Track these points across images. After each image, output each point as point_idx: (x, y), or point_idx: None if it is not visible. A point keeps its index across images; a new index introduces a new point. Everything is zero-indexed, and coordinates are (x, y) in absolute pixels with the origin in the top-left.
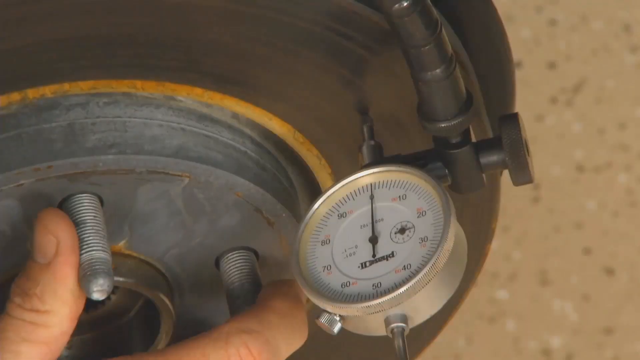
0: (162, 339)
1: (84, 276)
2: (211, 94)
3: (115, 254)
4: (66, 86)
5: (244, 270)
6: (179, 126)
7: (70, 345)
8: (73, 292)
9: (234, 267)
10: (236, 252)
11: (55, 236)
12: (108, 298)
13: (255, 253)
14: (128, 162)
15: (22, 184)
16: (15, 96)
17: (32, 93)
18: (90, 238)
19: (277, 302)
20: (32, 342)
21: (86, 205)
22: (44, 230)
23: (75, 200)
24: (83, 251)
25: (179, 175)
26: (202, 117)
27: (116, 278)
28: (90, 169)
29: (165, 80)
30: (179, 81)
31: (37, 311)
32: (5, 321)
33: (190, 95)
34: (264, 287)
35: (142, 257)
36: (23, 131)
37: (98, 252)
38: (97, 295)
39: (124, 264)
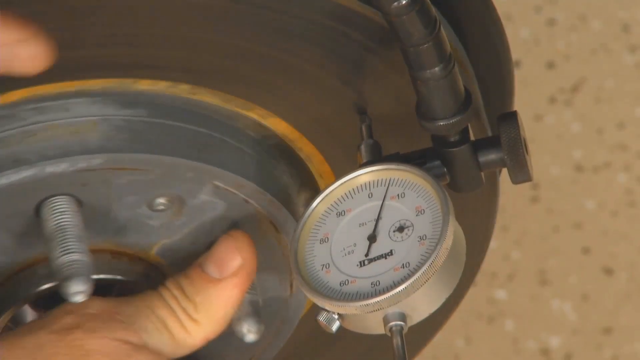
0: None
1: None
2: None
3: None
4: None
5: None
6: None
7: None
8: (226, 317)
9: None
10: None
11: (242, 257)
12: (109, 291)
13: None
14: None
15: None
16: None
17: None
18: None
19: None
20: (168, 332)
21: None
22: (232, 247)
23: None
24: None
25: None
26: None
27: (115, 276)
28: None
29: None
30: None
31: (189, 316)
32: (158, 301)
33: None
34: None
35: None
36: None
37: None
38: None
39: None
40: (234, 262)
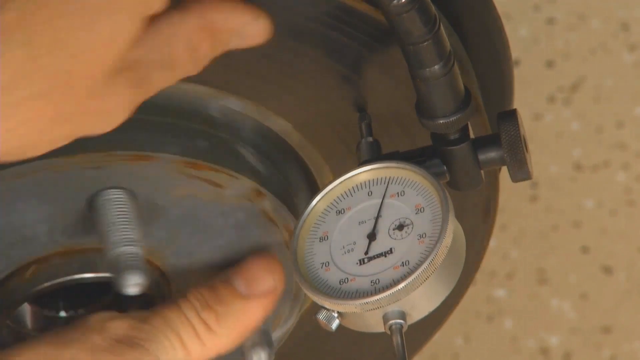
0: None
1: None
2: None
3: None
4: None
5: None
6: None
7: None
8: (243, 336)
9: None
10: None
11: (274, 280)
12: (106, 294)
13: None
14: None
15: None
16: None
17: None
18: None
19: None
20: (184, 348)
21: None
22: (265, 267)
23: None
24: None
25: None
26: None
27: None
28: None
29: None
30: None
31: (208, 327)
32: (176, 315)
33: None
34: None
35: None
36: None
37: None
38: None
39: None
40: (266, 282)
